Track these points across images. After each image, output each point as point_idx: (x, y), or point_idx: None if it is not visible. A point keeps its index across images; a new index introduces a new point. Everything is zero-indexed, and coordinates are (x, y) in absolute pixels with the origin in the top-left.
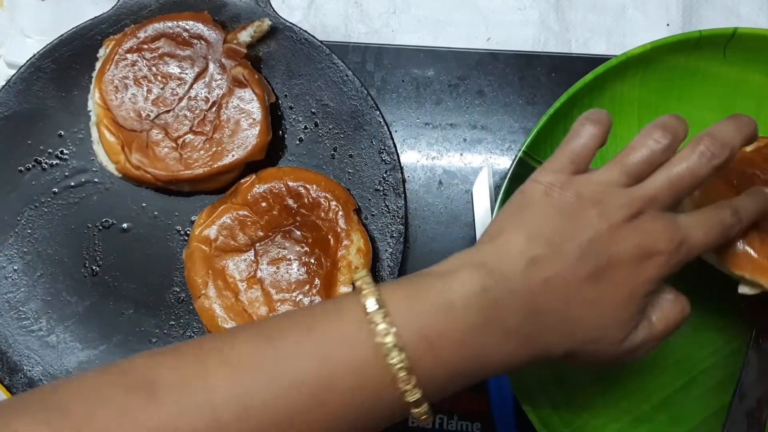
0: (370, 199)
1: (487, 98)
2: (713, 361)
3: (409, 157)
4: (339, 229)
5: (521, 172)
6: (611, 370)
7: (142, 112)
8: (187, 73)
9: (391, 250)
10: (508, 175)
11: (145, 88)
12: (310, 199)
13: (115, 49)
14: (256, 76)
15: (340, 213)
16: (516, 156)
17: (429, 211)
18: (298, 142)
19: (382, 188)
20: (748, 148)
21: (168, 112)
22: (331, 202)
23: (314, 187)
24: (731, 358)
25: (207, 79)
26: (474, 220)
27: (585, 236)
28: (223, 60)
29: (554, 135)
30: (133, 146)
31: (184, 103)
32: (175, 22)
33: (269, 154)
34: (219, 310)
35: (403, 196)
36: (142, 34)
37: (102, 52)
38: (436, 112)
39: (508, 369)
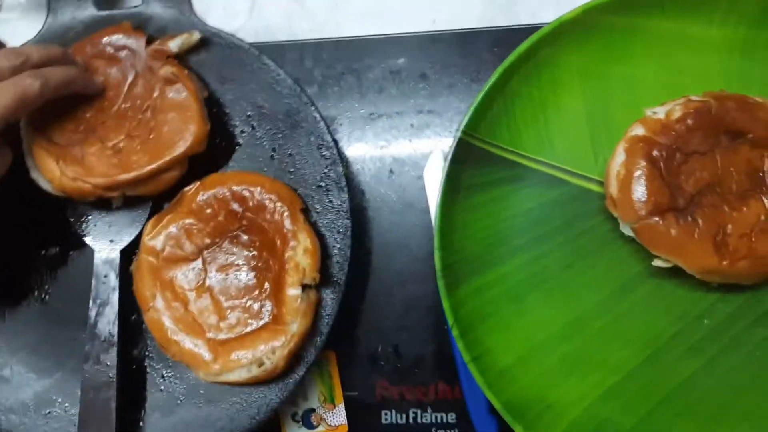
0: (313, 197)
1: (430, 81)
2: (678, 328)
3: (357, 149)
4: (285, 230)
5: (463, 153)
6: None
7: (75, 125)
8: (118, 84)
9: (339, 245)
10: (449, 158)
11: (77, 104)
12: (255, 202)
13: None
14: (186, 72)
15: (286, 214)
16: (455, 137)
17: (382, 202)
18: (237, 147)
19: (324, 184)
20: (673, 116)
21: (103, 122)
22: (276, 204)
23: (258, 189)
24: (695, 323)
25: (138, 85)
26: (428, 205)
27: None
28: (150, 63)
29: (493, 111)
30: (67, 159)
31: (115, 110)
32: (99, 40)
33: (209, 161)
34: (168, 322)
35: (346, 189)
36: None
37: None
38: (380, 101)
39: None
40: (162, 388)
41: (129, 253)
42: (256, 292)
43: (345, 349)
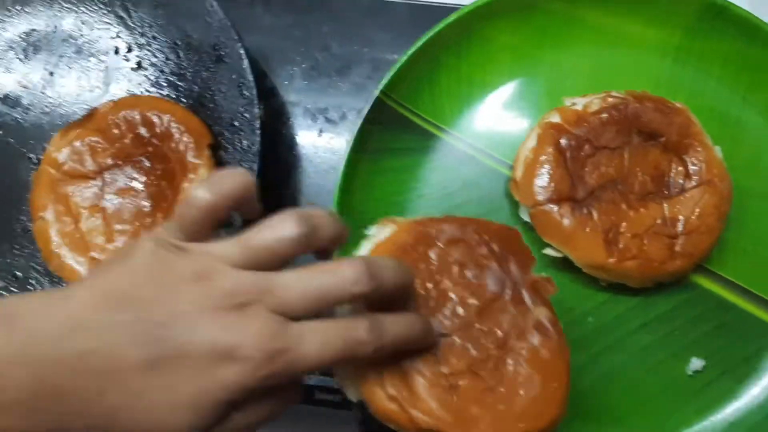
0: (226, 135)
1: (376, 45)
2: (562, 322)
3: (291, 104)
4: (187, 162)
5: (378, 113)
6: None
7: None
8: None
9: None
10: (364, 115)
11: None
12: (163, 129)
13: None
14: (560, 326)
15: (191, 145)
16: (373, 95)
17: (308, 161)
18: (159, 74)
19: (238, 124)
20: (590, 109)
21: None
22: (183, 135)
23: (168, 116)
24: (580, 320)
25: (506, 314)
26: None
27: (162, 313)
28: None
29: (417, 77)
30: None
31: (467, 324)
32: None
33: (129, 85)
34: (55, 235)
35: (258, 132)
36: None
37: None
38: (323, 58)
39: None
40: None
41: None
42: (149, 220)
43: None
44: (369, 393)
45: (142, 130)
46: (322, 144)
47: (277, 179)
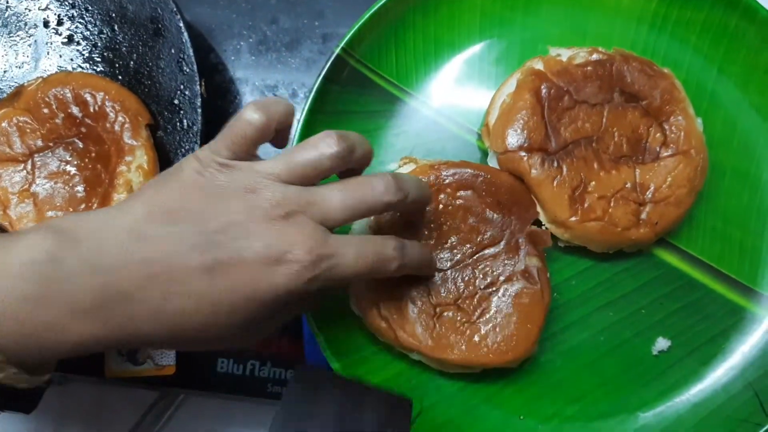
0: (165, 114)
1: (327, 18)
2: None
3: (239, 80)
4: (122, 143)
5: (338, 72)
6: None
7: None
8: (474, 233)
9: None
10: (322, 74)
11: None
12: (97, 108)
13: None
14: (547, 275)
15: (127, 125)
16: (333, 52)
17: None
18: (92, 48)
19: (178, 102)
20: (575, 61)
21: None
22: (119, 114)
23: (102, 95)
24: None
25: (500, 257)
26: None
27: (216, 223)
28: (523, 242)
29: (381, 36)
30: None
31: (455, 262)
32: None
33: (55, 63)
34: None
35: (200, 111)
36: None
37: None
38: (271, 32)
39: (88, 350)
40: None
41: None
42: (83, 205)
43: None
44: (364, 308)
45: (75, 110)
46: None
47: None
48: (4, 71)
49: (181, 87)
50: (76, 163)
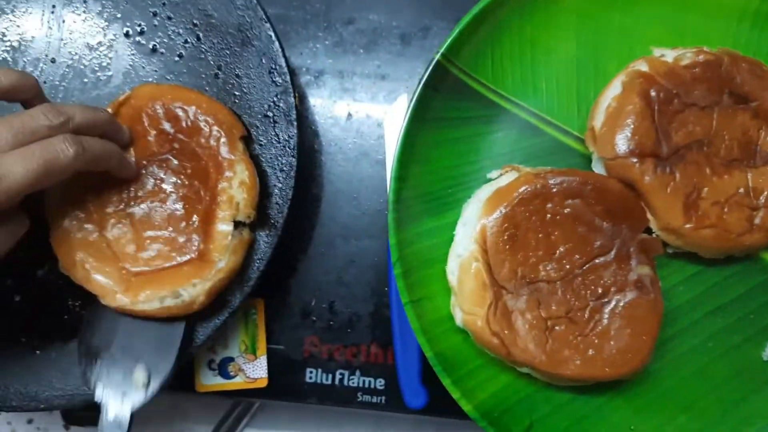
0: (258, 127)
1: (404, 22)
2: None
3: (315, 85)
4: (220, 159)
5: (438, 79)
6: None
7: None
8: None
9: (281, 185)
10: (423, 80)
11: None
12: (189, 123)
13: None
14: (659, 284)
15: (223, 140)
16: (432, 59)
17: (336, 147)
18: (177, 59)
19: (272, 114)
20: (682, 62)
21: (550, 281)
22: (212, 128)
23: (194, 108)
24: None
25: (610, 268)
26: (386, 156)
27: None
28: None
29: (478, 40)
30: None
31: (574, 274)
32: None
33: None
34: (77, 245)
35: (295, 124)
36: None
37: None
38: (347, 34)
39: None
40: (66, 316)
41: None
42: (183, 224)
43: (276, 299)
44: (473, 325)
45: (167, 125)
46: (352, 128)
47: (304, 170)
48: (85, 83)
49: (275, 99)
50: (172, 180)
